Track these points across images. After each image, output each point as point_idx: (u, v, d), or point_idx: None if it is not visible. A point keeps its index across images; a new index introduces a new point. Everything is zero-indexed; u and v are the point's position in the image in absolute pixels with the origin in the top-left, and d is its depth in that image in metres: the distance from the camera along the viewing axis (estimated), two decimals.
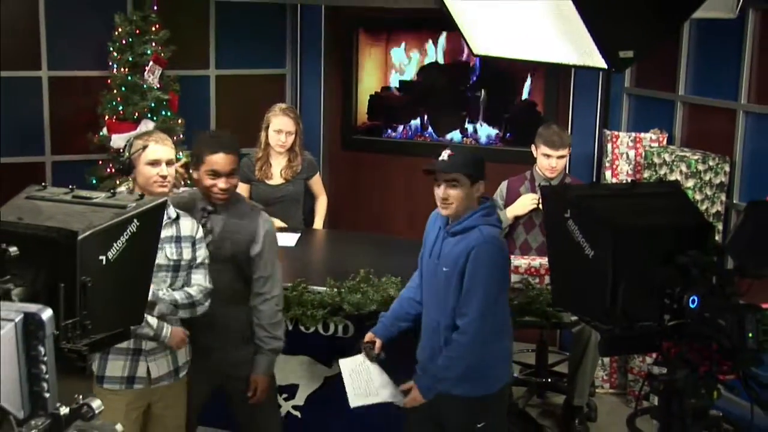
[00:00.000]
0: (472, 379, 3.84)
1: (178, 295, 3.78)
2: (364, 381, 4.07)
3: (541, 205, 4.43)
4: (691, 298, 2.55)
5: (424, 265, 4.00)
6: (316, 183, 5.74)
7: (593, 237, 2.68)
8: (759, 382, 2.60)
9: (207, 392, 4.19)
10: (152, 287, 3.63)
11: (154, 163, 3.78)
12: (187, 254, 3.85)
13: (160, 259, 3.75)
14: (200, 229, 3.95)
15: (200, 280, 3.88)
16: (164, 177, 3.80)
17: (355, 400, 4.07)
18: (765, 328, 2.48)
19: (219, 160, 3.90)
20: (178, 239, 3.84)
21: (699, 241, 2.66)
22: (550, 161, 5.04)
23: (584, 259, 2.69)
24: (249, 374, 4.08)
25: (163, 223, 3.75)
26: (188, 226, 3.89)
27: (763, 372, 2.59)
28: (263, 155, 5.44)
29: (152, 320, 3.67)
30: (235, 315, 4.08)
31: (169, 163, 3.83)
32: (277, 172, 5.43)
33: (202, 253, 3.91)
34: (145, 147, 3.79)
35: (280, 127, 5.35)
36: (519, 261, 4.72)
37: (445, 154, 3.80)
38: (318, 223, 5.85)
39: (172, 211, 3.87)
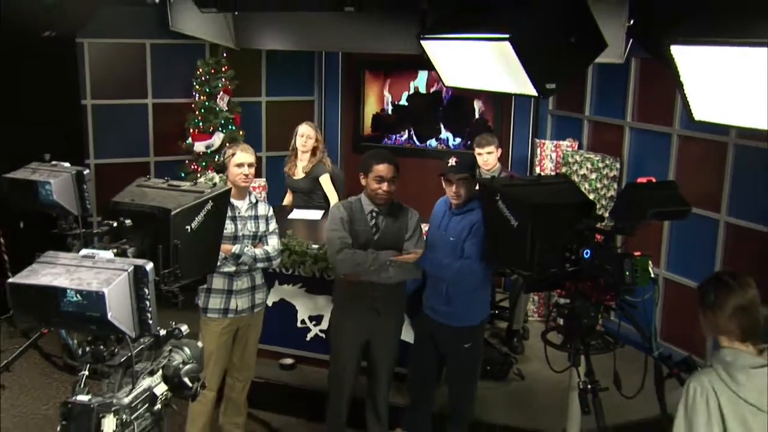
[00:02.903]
0: (463, 314, 3.74)
1: (258, 252, 3.83)
2: None
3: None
4: (585, 251, 2.57)
5: (432, 237, 3.80)
6: (325, 183, 5.41)
7: (517, 212, 2.69)
8: (629, 304, 2.66)
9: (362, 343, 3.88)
10: (240, 246, 3.75)
11: (240, 165, 3.80)
12: (262, 227, 3.89)
13: (245, 231, 3.82)
14: (270, 209, 3.96)
15: (274, 243, 3.92)
16: (246, 175, 3.81)
17: None
18: (636, 268, 2.53)
19: (383, 168, 3.62)
20: (256, 217, 3.87)
21: (586, 212, 2.69)
22: (481, 157, 4.99)
23: (510, 228, 2.71)
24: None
25: (247, 206, 3.82)
26: (263, 208, 3.92)
27: (632, 298, 2.64)
28: (292, 155, 5.47)
29: (245, 258, 3.77)
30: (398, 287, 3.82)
31: (250, 165, 3.82)
32: (300, 169, 5.44)
33: (273, 225, 3.94)
34: (233, 154, 3.82)
35: (302, 132, 5.39)
36: None
37: (452, 161, 3.62)
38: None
39: (252, 198, 3.91)
